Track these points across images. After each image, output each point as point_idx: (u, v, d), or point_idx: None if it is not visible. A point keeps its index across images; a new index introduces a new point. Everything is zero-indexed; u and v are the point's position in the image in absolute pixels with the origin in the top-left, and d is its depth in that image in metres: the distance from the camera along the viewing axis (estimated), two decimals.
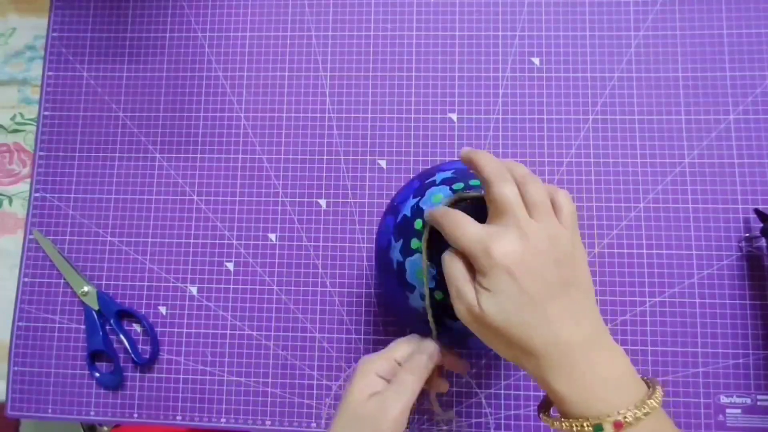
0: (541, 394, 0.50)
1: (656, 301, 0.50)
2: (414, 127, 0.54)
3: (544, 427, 0.49)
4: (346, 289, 0.53)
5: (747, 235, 0.50)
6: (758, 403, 0.48)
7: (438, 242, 0.37)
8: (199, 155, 0.55)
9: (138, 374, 0.53)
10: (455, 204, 0.38)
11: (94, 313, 0.53)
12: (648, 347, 0.50)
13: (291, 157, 0.55)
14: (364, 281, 0.52)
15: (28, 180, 0.57)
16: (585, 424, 0.29)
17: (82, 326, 0.54)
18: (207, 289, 0.53)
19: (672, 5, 0.54)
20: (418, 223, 0.39)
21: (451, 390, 0.51)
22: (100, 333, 0.52)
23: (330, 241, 0.53)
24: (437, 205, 0.38)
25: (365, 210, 0.53)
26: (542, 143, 0.53)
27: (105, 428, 0.84)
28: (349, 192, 0.54)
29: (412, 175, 0.54)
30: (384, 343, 0.51)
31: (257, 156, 0.55)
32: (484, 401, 0.50)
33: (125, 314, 0.53)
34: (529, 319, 0.31)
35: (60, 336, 0.54)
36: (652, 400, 0.30)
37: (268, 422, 0.51)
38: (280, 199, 0.54)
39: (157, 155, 0.56)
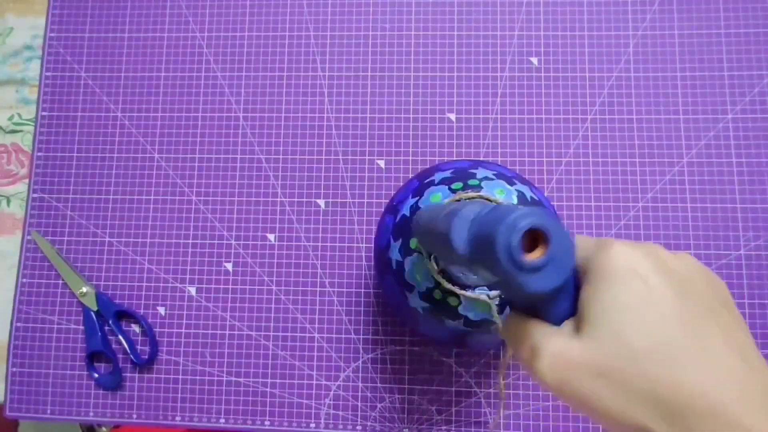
0: (541, 393, 0.50)
1: None
2: (413, 127, 0.54)
3: (543, 427, 0.49)
4: (345, 289, 0.53)
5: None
6: None
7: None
8: (197, 155, 0.55)
9: (137, 375, 0.53)
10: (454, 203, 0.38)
11: (92, 313, 0.53)
12: None
13: (290, 157, 0.55)
14: (363, 281, 0.52)
15: (26, 180, 0.57)
16: None
17: (81, 327, 0.54)
18: (206, 289, 0.53)
19: (670, 5, 0.54)
20: None
21: (450, 390, 0.51)
22: (99, 333, 0.52)
23: (329, 241, 0.53)
24: (436, 205, 0.38)
25: (364, 210, 0.53)
26: (540, 143, 0.53)
27: (104, 429, 0.83)
28: (348, 192, 0.54)
29: (410, 175, 0.54)
30: (383, 343, 0.51)
31: (256, 156, 0.55)
32: (483, 401, 0.50)
33: (124, 315, 0.53)
34: (682, 345, 0.20)
35: (58, 337, 0.54)
36: None
37: (267, 422, 0.51)
38: (278, 199, 0.54)
39: (156, 155, 0.56)
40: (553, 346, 0.22)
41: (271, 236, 0.54)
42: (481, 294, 0.37)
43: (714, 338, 0.20)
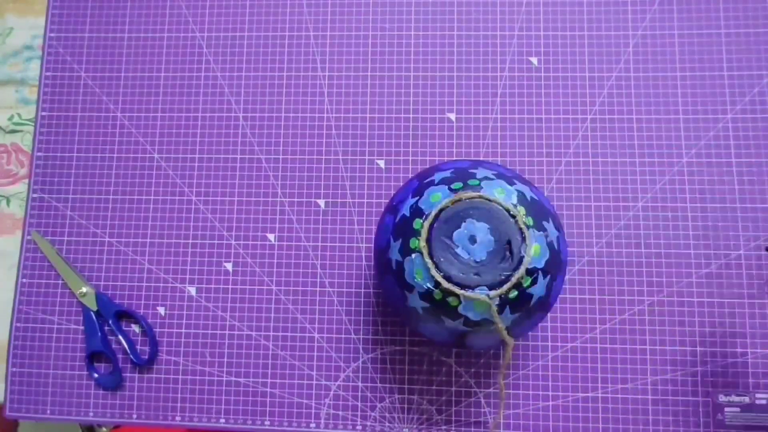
0: (541, 393, 0.50)
1: (654, 300, 0.50)
2: (413, 127, 0.54)
3: (543, 426, 0.49)
4: (345, 289, 0.53)
5: None
6: (756, 401, 0.48)
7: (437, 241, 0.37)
8: (197, 156, 0.55)
9: (137, 375, 0.53)
10: (453, 203, 0.38)
11: (92, 313, 0.53)
12: (647, 346, 0.50)
13: (289, 157, 0.55)
14: (362, 281, 0.53)
15: (26, 181, 0.57)
16: None
17: (81, 327, 0.54)
18: (206, 289, 0.53)
19: (670, 5, 0.54)
20: (417, 223, 0.39)
21: (450, 389, 0.51)
22: (99, 334, 0.52)
23: (329, 241, 0.53)
24: (436, 205, 0.38)
25: (364, 210, 0.53)
26: (540, 143, 0.53)
27: (104, 429, 0.83)
28: (348, 192, 0.54)
29: (410, 175, 0.54)
30: (383, 343, 0.51)
31: (256, 156, 0.55)
32: (483, 401, 0.50)
33: (124, 315, 0.53)
34: None
35: (58, 337, 0.54)
36: None
37: (267, 422, 0.51)
38: (278, 199, 0.54)
39: (156, 155, 0.56)
40: None
41: (271, 236, 0.54)
42: (480, 294, 0.37)
43: None
